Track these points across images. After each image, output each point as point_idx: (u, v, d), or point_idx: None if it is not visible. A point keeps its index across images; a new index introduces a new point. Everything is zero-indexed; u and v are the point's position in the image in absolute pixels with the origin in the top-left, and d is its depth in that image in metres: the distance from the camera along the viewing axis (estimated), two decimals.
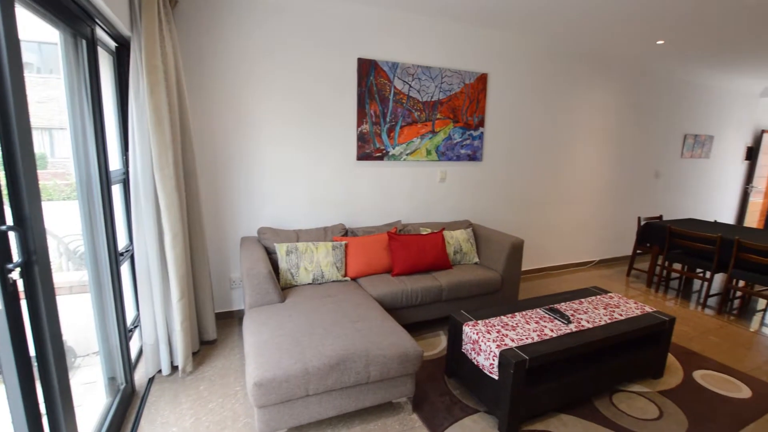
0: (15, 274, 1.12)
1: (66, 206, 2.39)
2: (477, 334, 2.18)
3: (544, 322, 2.33)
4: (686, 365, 2.73)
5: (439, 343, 2.92)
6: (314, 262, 2.88)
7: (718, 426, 2.12)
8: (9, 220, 1.13)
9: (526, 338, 2.13)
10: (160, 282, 2.27)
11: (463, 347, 2.27)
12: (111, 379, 2.08)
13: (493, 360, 2.02)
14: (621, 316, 2.46)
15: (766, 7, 2.93)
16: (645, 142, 5.25)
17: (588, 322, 2.34)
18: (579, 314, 2.46)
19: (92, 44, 1.85)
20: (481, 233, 3.55)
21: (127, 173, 2.49)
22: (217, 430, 1.98)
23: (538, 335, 2.17)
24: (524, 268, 4.59)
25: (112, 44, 2.28)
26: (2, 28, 1.09)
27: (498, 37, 3.81)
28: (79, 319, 2.29)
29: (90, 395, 2.10)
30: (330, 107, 3.23)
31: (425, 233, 3.29)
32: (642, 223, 4.57)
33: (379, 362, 1.94)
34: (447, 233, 3.43)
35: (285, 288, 2.80)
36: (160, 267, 2.26)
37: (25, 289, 1.19)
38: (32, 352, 1.19)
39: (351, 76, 3.26)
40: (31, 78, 1.82)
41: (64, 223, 2.31)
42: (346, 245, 3.06)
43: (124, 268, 2.48)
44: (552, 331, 2.22)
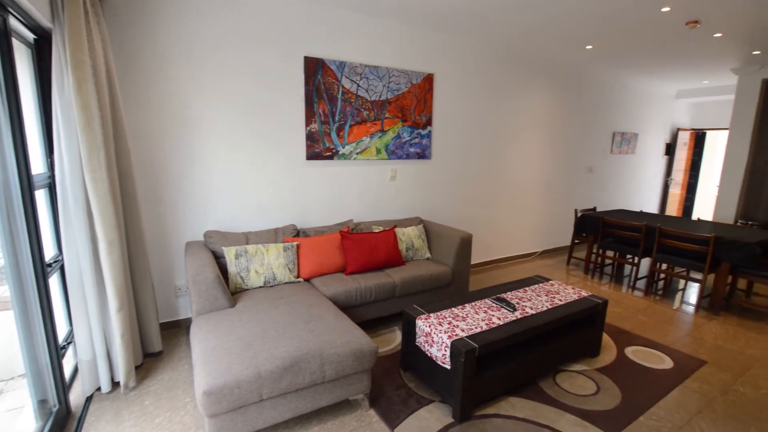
0: None
1: None
2: (429, 326, 2.24)
3: (492, 311, 2.45)
4: (619, 343, 2.98)
5: (395, 339, 2.97)
6: (265, 264, 2.82)
7: (645, 395, 2.34)
8: None
9: (476, 327, 2.22)
10: (95, 293, 2.11)
11: (417, 340, 2.33)
12: (41, 402, 1.91)
13: (445, 350, 2.09)
14: (561, 301, 2.63)
15: (671, 20, 3.27)
16: (579, 140, 5.64)
17: (531, 309, 2.49)
18: (523, 302, 2.60)
19: (5, 35, 1.68)
20: (432, 229, 3.64)
21: (53, 177, 2.29)
22: None
23: (487, 324, 2.27)
24: (473, 261, 4.77)
25: (30, 36, 2.08)
26: None
27: (444, 39, 3.93)
28: (0, 339, 2.08)
29: (17, 421, 1.91)
30: (277, 106, 3.17)
31: (377, 231, 3.32)
32: (578, 215, 4.91)
33: (334, 361, 1.94)
34: (399, 230, 3.49)
35: (235, 293, 2.71)
36: (94, 277, 2.11)
37: None
38: None
39: (298, 75, 3.21)
40: None
41: None
42: (298, 246, 3.01)
43: (54, 280, 2.28)
44: (499, 319, 2.34)
